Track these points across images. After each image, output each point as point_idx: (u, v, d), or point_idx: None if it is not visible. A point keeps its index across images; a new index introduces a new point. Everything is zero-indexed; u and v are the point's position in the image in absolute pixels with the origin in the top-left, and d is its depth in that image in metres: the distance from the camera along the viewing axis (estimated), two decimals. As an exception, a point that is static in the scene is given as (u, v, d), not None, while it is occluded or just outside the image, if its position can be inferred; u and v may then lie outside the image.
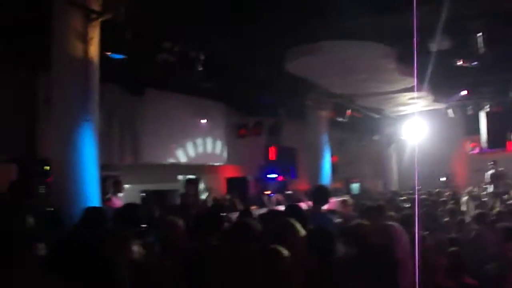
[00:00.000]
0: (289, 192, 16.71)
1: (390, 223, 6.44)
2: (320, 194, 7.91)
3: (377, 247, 5.55)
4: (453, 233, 8.36)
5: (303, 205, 9.41)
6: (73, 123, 7.87)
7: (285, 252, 3.65)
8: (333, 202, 13.00)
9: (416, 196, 12.02)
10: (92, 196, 7.89)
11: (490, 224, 8.33)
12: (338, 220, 8.60)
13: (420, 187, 15.46)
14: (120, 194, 10.63)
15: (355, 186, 21.46)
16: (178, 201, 11.53)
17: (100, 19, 8.17)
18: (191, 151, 15.91)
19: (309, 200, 9.55)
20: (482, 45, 10.07)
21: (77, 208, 7.24)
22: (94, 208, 6.84)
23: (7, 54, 10.14)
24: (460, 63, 11.17)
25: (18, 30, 9.20)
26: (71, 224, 6.56)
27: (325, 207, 7.88)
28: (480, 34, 9.97)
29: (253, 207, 11.73)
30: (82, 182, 7.85)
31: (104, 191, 9.14)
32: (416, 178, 13.28)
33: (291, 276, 3.60)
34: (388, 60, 11.72)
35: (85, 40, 7.99)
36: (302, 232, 4.72)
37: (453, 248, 6.42)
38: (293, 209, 6.35)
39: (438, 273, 6.00)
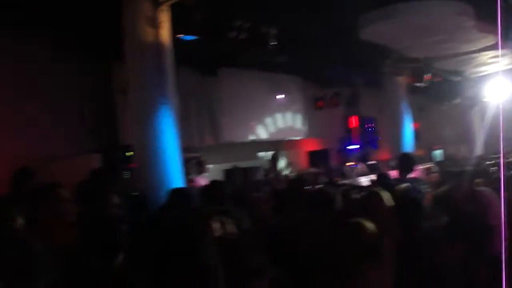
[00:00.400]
0: (372, 162, 16.44)
1: (480, 188, 6.18)
2: (405, 162, 7.76)
3: (469, 214, 5.30)
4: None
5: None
6: (151, 108, 7.97)
7: (369, 225, 3.51)
8: (418, 170, 12.74)
9: (502, 159, 11.50)
10: (176, 179, 7.99)
11: None
12: (424, 188, 8.32)
13: (506, 150, 14.78)
14: (205, 174, 10.77)
15: (438, 153, 20.89)
16: (260, 177, 11.55)
17: (168, 3, 8.20)
18: (270, 127, 15.87)
19: (394, 169, 9.35)
20: None
21: (162, 191, 7.35)
22: (179, 189, 6.89)
23: (83, 44, 10.37)
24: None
25: (90, 21, 9.35)
26: (156, 207, 6.65)
27: (410, 175, 7.67)
28: None
29: (336, 179, 11.64)
30: (165, 165, 7.97)
31: (187, 173, 9.25)
32: (502, 140, 12.65)
33: (377, 249, 3.46)
34: (466, 18, 11.20)
35: (156, 25, 8.05)
36: (389, 202, 4.60)
37: None
38: (382, 178, 6.20)
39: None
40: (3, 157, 8.91)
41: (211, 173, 11.62)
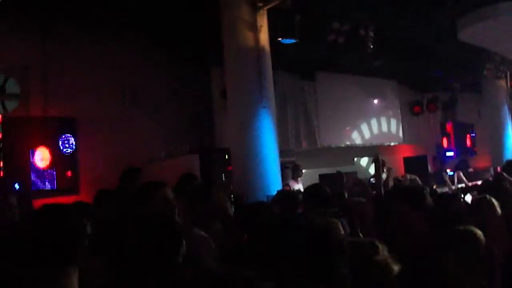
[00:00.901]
0: (471, 169, 15.84)
1: None
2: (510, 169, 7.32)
3: None
4: None
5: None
6: (250, 112, 8.05)
7: (479, 233, 3.36)
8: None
9: None
10: (274, 183, 8.00)
11: None
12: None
13: None
14: (299, 179, 10.74)
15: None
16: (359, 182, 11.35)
17: (267, 7, 8.26)
18: (367, 132, 15.67)
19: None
20: None
21: (259, 195, 7.39)
22: (285, 191, 6.85)
23: (183, 50, 10.64)
24: None
25: (191, 27, 9.57)
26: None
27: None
28: None
29: (433, 186, 11.29)
30: (263, 169, 8.01)
31: (283, 177, 9.25)
32: None
33: (486, 258, 3.31)
34: None
35: (255, 29, 8.14)
36: (499, 210, 4.40)
37: None
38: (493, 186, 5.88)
39: None
40: (112, 158, 9.33)
41: (306, 177, 11.57)
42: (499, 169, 7.46)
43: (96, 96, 9.90)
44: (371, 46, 9.74)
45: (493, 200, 4.47)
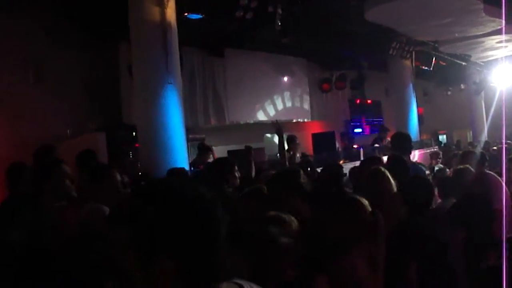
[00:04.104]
0: (377, 145, 16.33)
1: (488, 171, 6.13)
2: (400, 142, 7.16)
3: (476, 196, 5.27)
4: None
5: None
6: (156, 87, 7.96)
7: (365, 202, 3.46)
8: (421, 154, 12.68)
9: (504, 146, 11.43)
10: (180, 159, 7.96)
11: None
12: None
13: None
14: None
15: (442, 138, 20.75)
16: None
17: (173, -19, 8.15)
18: (275, 109, 15.83)
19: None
20: None
21: (165, 171, 7.33)
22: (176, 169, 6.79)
23: (89, 23, 10.34)
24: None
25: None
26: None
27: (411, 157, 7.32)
28: None
29: (341, 162, 11.56)
30: (169, 145, 7.95)
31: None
32: (504, 127, 12.60)
33: (373, 226, 3.42)
34: (474, 1, 11.09)
35: (161, 4, 8.00)
36: (393, 181, 4.53)
37: None
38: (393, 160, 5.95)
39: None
40: (16, 137, 9.01)
41: (218, 153, 11.59)
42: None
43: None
44: (280, 24, 9.78)
45: (385, 171, 4.59)
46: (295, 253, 2.87)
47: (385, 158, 6.51)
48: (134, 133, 9.58)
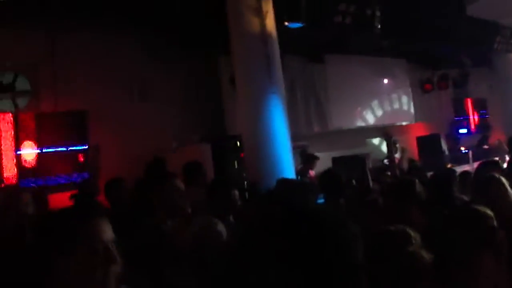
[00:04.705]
0: (486, 146, 15.72)
1: None
2: None
3: None
4: None
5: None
6: (260, 98, 8.03)
7: (488, 212, 3.29)
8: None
9: None
10: (286, 168, 7.99)
11: None
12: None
13: None
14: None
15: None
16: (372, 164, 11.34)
17: (272, -9, 8.20)
18: (378, 112, 15.57)
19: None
20: None
21: (272, 180, 7.36)
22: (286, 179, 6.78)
23: (189, 41, 10.61)
24: None
25: (195, 15, 9.52)
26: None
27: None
28: None
29: (449, 165, 11.24)
30: (275, 154, 7.99)
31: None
32: None
33: (494, 237, 3.24)
34: None
35: (260, 15, 8.07)
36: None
37: None
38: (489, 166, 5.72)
39: None
40: (124, 152, 9.48)
41: (319, 161, 11.54)
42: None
43: (105, 90, 9.90)
44: (379, 26, 9.64)
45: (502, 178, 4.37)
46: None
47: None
48: (238, 143, 9.72)
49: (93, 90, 9.67)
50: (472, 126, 17.63)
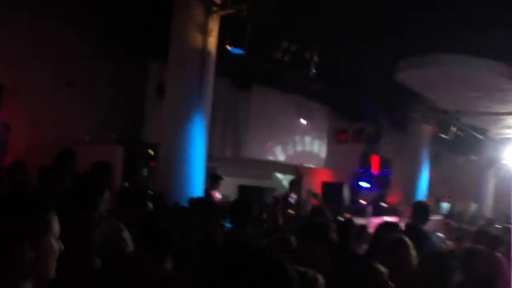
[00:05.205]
0: (384, 204, 16.31)
1: (498, 254, 6.18)
2: (421, 211, 7.50)
3: (482, 278, 5.31)
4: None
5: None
6: (186, 113, 8.04)
7: (384, 270, 3.50)
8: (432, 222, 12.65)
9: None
10: (196, 187, 8.00)
11: None
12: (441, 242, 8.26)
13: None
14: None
15: (445, 206, 20.59)
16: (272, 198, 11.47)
17: (221, 13, 8.27)
18: (291, 150, 15.87)
19: (407, 216, 9.18)
20: None
21: (180, 195, 7.37)
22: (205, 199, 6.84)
23: (125, 39, 10.46)
24: None
25: (138, 15, 9.43)
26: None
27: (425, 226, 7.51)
28: None
29: (347, 215, 11.56)
30: (189, 171, 8.00)
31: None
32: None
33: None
34: (506, 80, 11.21)
35: (205, 32, 8.11)
36: (413, 253, 4.57)
37: None
38: (412, 229, 6.06)
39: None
40: (39, 133, 9.13)
41: (226, 185, 11.61)
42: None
43: (28, 68, 9.53)
44: (313, 70, 9.92)
45: (408, 241, 4.63)
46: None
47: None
48: (152, 152, 9.66)
49: (15, 65, 9.26)
50: (374, 182, 18.26)
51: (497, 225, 13.08)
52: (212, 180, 10.83)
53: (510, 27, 8.61)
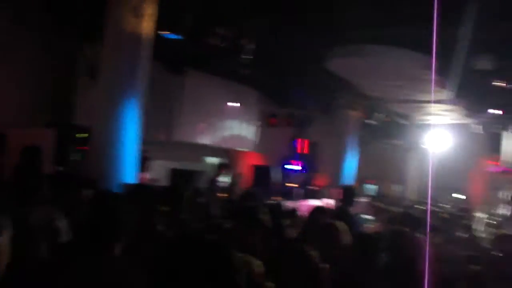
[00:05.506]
0: (312, 187, 16.69)
1: (419, 235, 6.55)
2: (348, 195, 7.81)
3: (407, 258, 5.62)
4: (467, 249, 8.24)
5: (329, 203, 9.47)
6: (121, 98, 7.96)
7: (314, 253, 3.70)
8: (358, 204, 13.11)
9: (429, 207, 11.94)
10: (130, 172, 7.98)
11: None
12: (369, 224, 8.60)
13: (436, 198, 15.41)
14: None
15: (370, 188, 21.22)
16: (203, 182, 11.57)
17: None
18: (222, 134, 16.05)
19: (336, 200, 9.48)
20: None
21: (113, 180, 7.39)
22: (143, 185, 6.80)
23: (55, 19, 10.23)
24: (499, 83, 11.22)
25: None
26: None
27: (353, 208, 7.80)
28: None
29: (276, 198, 11.79)
30: (122, 155, 7.94)
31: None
32: (430, 188, 13.18)
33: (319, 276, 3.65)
34: (429, 72, 11.69)
35: (140, 16, 8.05)
36: (345, 236, 4.80)
37: (475, 267, 6.35)
38: (341, 213, 6.31)
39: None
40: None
41: (157, 168, 11.65)
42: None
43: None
44: (248, 57, 10.06)
45: (340, 225, 4.87)
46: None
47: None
48: (84, 135, 9.55)
49: None
50: (302, 165, 18.64)
51: (418, 206, 13.73)
52: (141, 162, 10.83)
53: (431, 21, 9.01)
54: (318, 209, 6.56)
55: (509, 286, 6.65)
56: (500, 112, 15.66)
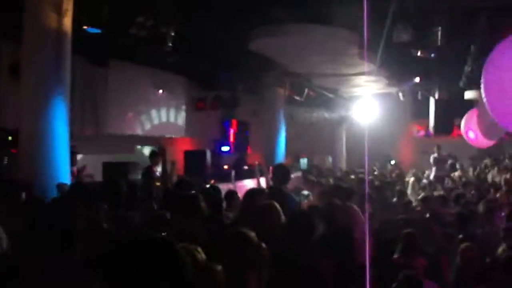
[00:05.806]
0: (246, 167, 16.82)
1: (350, 204, 6.81)
2: (282, 173, 7.90)
3: (342, 228, 5.85)
4: (400, 214, 8.56)
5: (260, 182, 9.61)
6: (45, 97, 7.83)
7: (252, 235, 3.80)
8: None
9: (366, 176, 12.31)
10: (63, 171, 7.90)
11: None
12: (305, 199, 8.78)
13: (369, 167, 15.91)
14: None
15: (303, 162, 21.59)
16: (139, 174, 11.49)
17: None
18: (151, 123, 16.00)
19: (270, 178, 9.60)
20: (440, 38, 10.56)
21: (47, 183, 7.30)
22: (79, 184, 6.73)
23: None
24: (418, 53, 11.63)
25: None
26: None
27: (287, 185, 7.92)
28: (440, 28, 10.45)
29: (211, 181, 11.85)
30: (53, 155, 7.83)
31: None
32: (366, 157, 13.60)
33: (259, 258, 3.76)
34: (352, 46, 12.01)
35: (60, 12, 7.93)
36: (281, 216, 4.94)
37: (408, 230, 6.62)
38: (276, 192, 6.40)
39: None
40: None
41: (88, 163, 11.52)
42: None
43: None
44: (170, 44, 10.06)
45: (276, 205, 5.01)
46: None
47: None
48: (10, 137, 9.32)
49: None
50: (233, 146, 18.78)
51: (352, 176, 14.14)
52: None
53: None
54: (253, 190, 6.65)
55: (437, 242, 7.07)
56: (418, 79, 16.24)
